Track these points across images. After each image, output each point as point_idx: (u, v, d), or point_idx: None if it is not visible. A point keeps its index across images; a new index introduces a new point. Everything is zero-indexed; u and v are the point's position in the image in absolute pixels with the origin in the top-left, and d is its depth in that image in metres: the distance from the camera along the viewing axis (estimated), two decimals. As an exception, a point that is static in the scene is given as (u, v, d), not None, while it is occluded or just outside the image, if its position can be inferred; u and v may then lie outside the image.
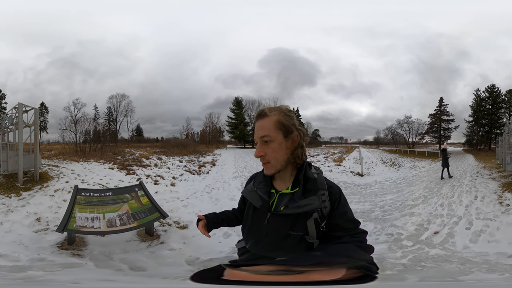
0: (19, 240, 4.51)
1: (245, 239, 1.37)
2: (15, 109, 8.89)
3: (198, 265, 3.64)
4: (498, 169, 13.64)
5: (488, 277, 2.00)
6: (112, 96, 39.86)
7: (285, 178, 1.29)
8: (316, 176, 1.26)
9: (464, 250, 4.26)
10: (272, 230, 1.24)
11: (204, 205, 7.37)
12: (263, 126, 1.23)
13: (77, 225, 4.40)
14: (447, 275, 1.48)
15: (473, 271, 3.04)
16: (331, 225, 1.24)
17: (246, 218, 1.36)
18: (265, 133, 1.22)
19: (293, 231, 1.21)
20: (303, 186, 1.23)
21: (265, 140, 1.23)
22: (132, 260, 3.87)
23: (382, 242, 4.67)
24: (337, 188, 1.29)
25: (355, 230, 1.25)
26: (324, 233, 1.24)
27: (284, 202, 1.23)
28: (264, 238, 1.26)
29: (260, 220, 1.27)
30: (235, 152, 25.96)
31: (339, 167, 16.30)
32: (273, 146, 1.22)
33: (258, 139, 1.24)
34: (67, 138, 22.10)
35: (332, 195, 1.25)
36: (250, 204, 1.33)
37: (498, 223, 5.31)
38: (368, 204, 7.56)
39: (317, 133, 53.83)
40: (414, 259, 3.91)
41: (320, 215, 1.22)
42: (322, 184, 1.25)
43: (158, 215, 4.99)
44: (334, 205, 1.24)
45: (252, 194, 1.31)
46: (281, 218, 1.22)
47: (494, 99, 35.97)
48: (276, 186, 1.30)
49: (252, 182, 1.38)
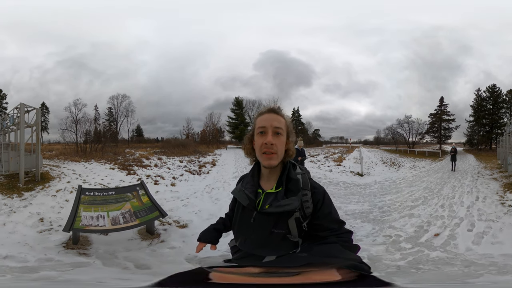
0: (23, 240, 4.51)
1: (235, 237, 1.44)
2: (17, 109, 8.90)
3: (196, 263, 3.67)
4: (499, 169, 13.62)
5: (501, 279, 1.99)
6: (113, 97, 39.95)
7: (271, 178, 1.35)
8: (299, 176, 1.32)
9: (467, 252, 4.17)
10: (258, 228, 1.29)
11: (204, 204, 7.37)
12: (278, 119, 1.33)
13: (82, 224, 4.46)
14: (449, 278, 1.47)
15: (481, 274, 2.95)
16: (315, 225, 1.28)
17: (236, 217, 1.43)
18: (279, 125, 1.32)
19: (276, 229, 1.26)
20: (286, 186, 1.29)
21: (277, 131, 1.31)
22: (135, 258, 3.92)
23: (380, 244, 4.57)
24: (321, 189, 1.34)
25: (340, 230, 1.27)
26: (307, 233, 1.29)
27: (269, 201, 1.28)
28: (251, 235, 1.32)
29: (248, 218, 1.33)
30: (236, 152, 25.96)
31: (339, 167, 16.31)
32: (282, 140, 1.31)
33: (270, 128, 1.30)
34: (68, 138, 22.15)
35: (315, 196, 1.30)
36: (239, 203, 1.40)
37: (500, 224, 5.23)
38: (367, 204, 7.52)
39: (318, 133, 53.85)
40: (413, 261, 3.82)
41: (302, 215, 1.26)
42: (305, 184, 1.31)
43: (157, 214, 5.08)
44: (317, 206, 1.28)
45: (240, 193, 1.38)
46: (266, 216, 1.28)
47: (495, 99, 35.89)
48: (262, 186, 1.36)
49: (241, 183, 1.45)
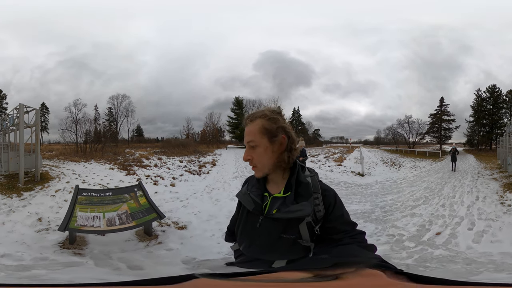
0: (21, 239, 4.54)
1: (239, 241, 1.37)
2: (16, 109, 8.90)
3: (193, 265, 3.64)
4: (499, 169, 13.61)
5: (497, 276, 1.98)
6: (113, 97, 39.95)
7: (278, 181, 1.29)
8: (309, 180, 1.25)
9: (467, 250, 4.24)
10: (265, 233, 1.24)
11: (204, 205, 7.32)
12: (249, 131, 1.26)
13: (78, 224, 4.44)
14: (456, 276, 1.46)
15: (481, 271, 3.02)
16: (328, 228, 1.23)
17: (240, 220, 1.37)
18: (250, 139, 1.25)
19: (285, 235, 1.21)
20: (295, 191, 1.23)
21: (251, 145, 1.26)
22: (130, 259, 3.90)
23: (384, 243, 4.64)
24: (332, 191, 1.28)
25: (353, 231, 1.23)
26: (319, 236, 1.24)
27: (277, 206, 1.23)
28: (256, 241, 1.27)
29: (253, 223, 1.27)
30: (236, 152, 25.96)
31: (339, 167, 16.29)
32: (259, 150, 1.24)
33: (246, 144, 1.28)
34: (68, 138, 22.16)
35: (326, 199, 1.24)
36: (244, 207, 1.34)
37: (500, 223, 5.30)
38: (368, 204, 7.53)
39: (318, 133, 53.84)
40: (419, 259, 3.90)
41: (313, 219, 1.21)
42: (315, 187, 1.25)
43: (155, 216, 5.03)
44: (329, 209, 1.23)
45: (246, 197, 1.32)
46: (273, 222, 1.22)
47: (495, 99, 35.87)
48: (269, 189, 1.30)
49: (246, 186, 1.39)
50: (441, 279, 0.82)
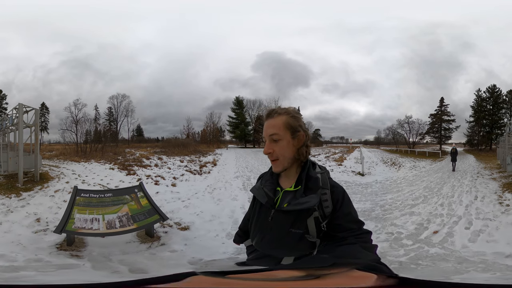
0: (17, 240, 4.49)
1: (251, 236, 1.43)
2: (16, 109, 8.92)
3: (201, 265, 3.58)
4: (498, 169, 13.61)
5: (478, 276, 1.99)
6: (113, 97, 40.05)
7: (290, 176, 1.33)
8: (319, 175, 1.29)
9: (462, 249, 4.27)
10: (276, 226, 1.28)
11: (205, 205, 7.27)
12: (272, 125, 1.30)
13: (75, 227, 4.34)
14: (441, 275, 1.46)
15: (469, 271, 3.01)
16: (334, 225, 1.25)
17: (253, 214, 1.42)
18: (275, 131, 1.29)
19: (293, 229, 1.24)
20: (305, 185, 1.27)
21: (274, 138, 1.29)
22: (132, 262, 3.81)
23: (383, 240, 4.70)
24: (340, 188, 1.30)
25: (359, 230, 1.25)
26: (325, 233, 1.26)
27: (288, 199, 1.27)
28: (268, 234, 1.31)
29: (265, 216, 1.32)
30: (236, 152, 25.97)
31: (340, 167, 16.29)
32: (282, 144, 1.28)
33: (267, 137, 1.31)
34: (68, 138, 22.17)
35: (334, 195, 1.26)
36: (257, 201, 1.40)
37: (497, 223, 5.32)
38: (369, 203, 7.56)
39: (318, 133, 53.82)
40: (414, 257, 3.93)
41: (321, 214, 1.24)
42: (325, 183, 1.28)
43: (157, 217, 4.89)
44: (336, 205, 1.25)
45: (259, 191, 1.37)
46: (283, 215, 1.26)
47: (495, 99, 35.86)
48: (281, 184, 1.35)
49: (260, 181, 1.45)
50: (421, 280, 0.82)
